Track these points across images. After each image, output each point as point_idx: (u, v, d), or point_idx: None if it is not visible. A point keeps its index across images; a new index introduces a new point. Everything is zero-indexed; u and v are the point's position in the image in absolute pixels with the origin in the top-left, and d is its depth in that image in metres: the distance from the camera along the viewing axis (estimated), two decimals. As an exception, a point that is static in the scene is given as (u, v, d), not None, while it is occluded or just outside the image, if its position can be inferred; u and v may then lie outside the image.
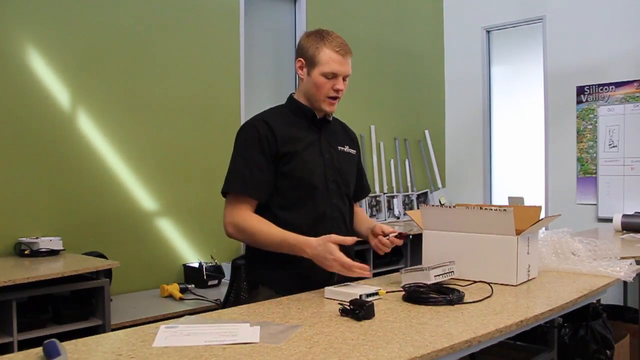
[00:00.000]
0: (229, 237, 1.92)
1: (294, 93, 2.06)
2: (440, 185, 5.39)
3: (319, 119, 2.02)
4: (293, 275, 1.87)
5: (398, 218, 4.94)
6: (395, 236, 1.95)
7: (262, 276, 1.97)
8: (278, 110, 2.05)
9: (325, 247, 1.75)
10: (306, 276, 1.80)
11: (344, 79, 1.95)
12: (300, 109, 2.01)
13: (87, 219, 3.26)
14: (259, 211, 1.95)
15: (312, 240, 1.78)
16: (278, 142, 1.91)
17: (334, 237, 1.77)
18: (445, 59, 5.62)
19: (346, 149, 2.09)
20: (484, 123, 5.36)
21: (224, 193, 1.94)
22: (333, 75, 1.92)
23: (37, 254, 2.84)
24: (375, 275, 3.93)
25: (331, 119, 2.06)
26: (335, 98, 1.96)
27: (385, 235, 1.97)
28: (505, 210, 1.92)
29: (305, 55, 1.95)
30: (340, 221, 2.01)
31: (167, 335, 1.35)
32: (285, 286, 1.88)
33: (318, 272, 1.82)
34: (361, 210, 2.26)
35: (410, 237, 1.98)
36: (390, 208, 4.93)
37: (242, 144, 1.95)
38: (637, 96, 4.43)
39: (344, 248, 1.99)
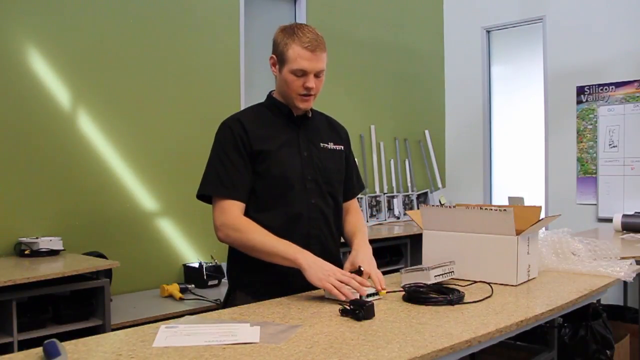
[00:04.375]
0: (220, 241, 1.86)
1: (273, 91, 2.00)
2: (440, 185, 5.39)
3: (297, 115, 1.95)
4: (269, 281, 1.82)
5: (398, 218, 4.93)
6: (355, 272, 1.82)
7: (239, 281, 1.93)
8: (255, 109, 2.00)
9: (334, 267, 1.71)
10: (283, 282, 1.75)
11: (317, 76, 1.85)
12: (277, 107, 1.96)
13: (87, 219, 3.26)
14: None
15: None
16: (251, 140, 1.86)
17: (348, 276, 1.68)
18: (445, 59, 5.62)
19: (330, 145, 1.99)
20: (484, 123, 5.36)
21: (201, 196, 1.90)
22: (302, 73, 1.83)
23: (37, 254, 2.84)
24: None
25: (310, 115, 1.99)
26: (308, 95, 1.86)
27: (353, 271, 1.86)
28: (505, 210, 1.92)
29: (276, 52, 1.88)
30: (321, 222, 1.92)
31: (167, 335, 1.35)
32: (262, 292, 1.80)
33: (296, 279, 1.74)
34: (354, 216, 2.10)
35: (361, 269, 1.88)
36: (390, 208, 4.93)
37: (217, 144, 1.91)
38: (637, 96, 4.43)
39: (332, 259, 1.85)
